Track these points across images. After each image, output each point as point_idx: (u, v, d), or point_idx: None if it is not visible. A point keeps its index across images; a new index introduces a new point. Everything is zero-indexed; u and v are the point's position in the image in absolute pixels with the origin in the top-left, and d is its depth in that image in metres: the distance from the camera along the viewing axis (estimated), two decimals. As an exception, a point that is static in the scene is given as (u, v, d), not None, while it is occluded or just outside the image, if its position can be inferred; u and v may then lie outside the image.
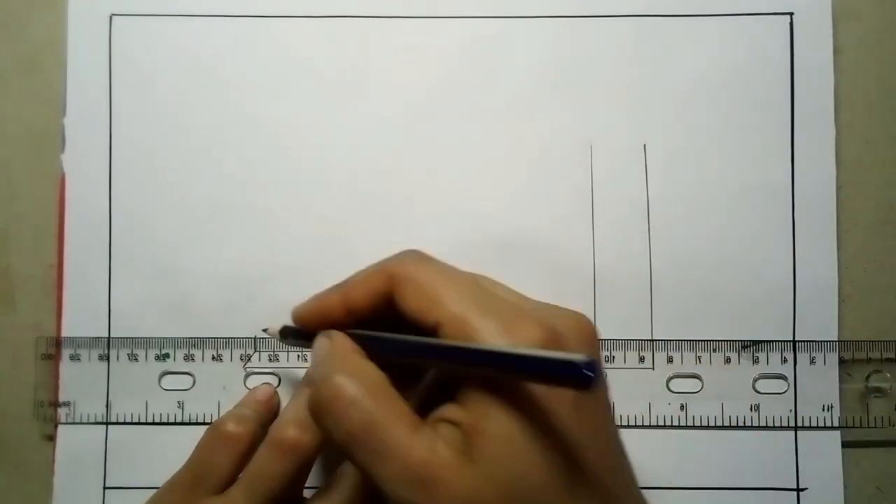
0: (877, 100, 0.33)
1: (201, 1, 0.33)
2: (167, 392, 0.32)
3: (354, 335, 0.25)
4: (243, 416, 0.29)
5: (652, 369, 0.32)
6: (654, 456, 0.32)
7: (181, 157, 0.33)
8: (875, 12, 0.33)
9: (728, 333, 0.32)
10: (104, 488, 0.32)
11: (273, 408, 0.31)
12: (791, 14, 0.33)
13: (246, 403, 0.31)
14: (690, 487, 0.32)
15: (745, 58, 0.33)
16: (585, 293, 0.32)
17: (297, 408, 0.29)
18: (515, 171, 0.33)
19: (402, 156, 0.33)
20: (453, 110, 0.33)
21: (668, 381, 0.32)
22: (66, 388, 0.32)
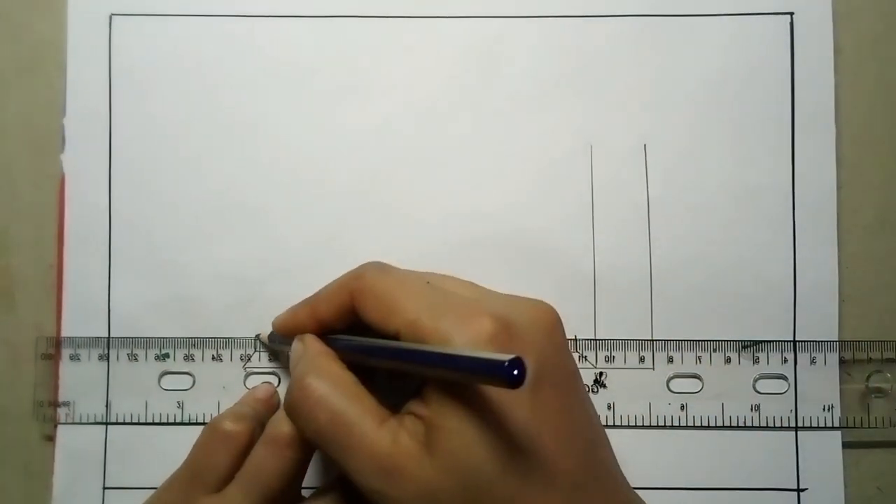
0: (877, 99, 0.33)
1: (201, 1, 0.33)
2: (167, 392, 0.32)
3: (326, 338, 0.28)
4: (240, 414, 0.29)
5: (652, 369, 0.32)
6: (655, 456, 0.32)
7: (181, 157, 0.33)
8: (875, 12, 0.33)
9: (728, 333, 0.32)
10: (104, 488, 0.32)
11: (273, 407, 0.31)
12: (791, 14, 0.33)
13: (245, 402, 0.31)
14: (690, 488, 0.32)
15: (746, 58, 0.33)
16: (585, 293, 0.32)
17: None
18: (515, 172, 0.33)
19: (402, 156, 0.33)
20: (453, 110, 0.33)
21: (668, 381, 0.32)
22: (65, 388, 0.32)
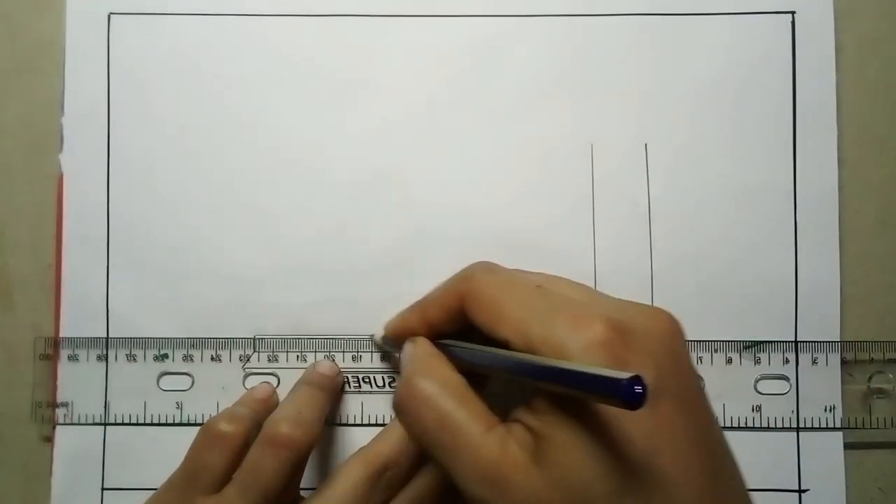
0: (879, 99, 0.33)
1: (200, 0, 0.33)
2: (166, 392, 0.32)
3: (437, 343, 0.27)
4: (236, 415, 0.29)
5: (653, 370, 0.32)
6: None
7: (180, 156, 0.33)
8: (876, 11, 0.33)
9: (729, 334, 0.32)
10: (102, 489, 0.32)
11: (271, 407, 0.31)
12: (793, 13, 0.33)
13: (243, 402, 0.31)
14: (691, 489, 0.32)
15: (747, 57, 0.33)
16: (586, 293, 0.32)
17: (290, 405, 0.29)
18: (516, 171, 0.33)
19: (403, 155, 0.33)
20: (454, 110, 0.33)
21: (669, 381, 0.32)
22: (64, 389, 0.32)
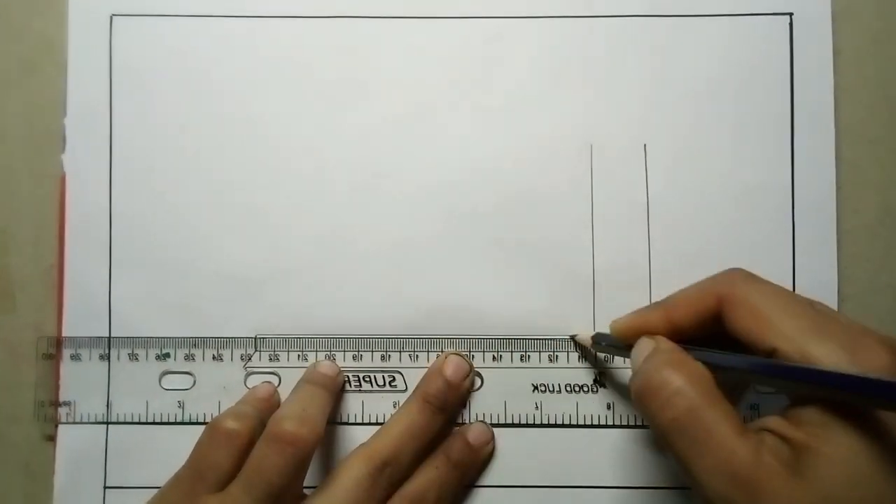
0: (876, 100, 0.33)
1: (202, 1, 0.33)
2: (167, 392, 0.32)
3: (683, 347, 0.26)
4: (242, 413, 0.29)
5: (652, 369, 0.32)
6: (655, 456, 0.32)
7: (181, 157, 0.33)
8: (874, 13, 0.33)
9: (728, 333, 0.32)
10: (104, 488, 0.32)
11: (273, 406, 0.31)
12: (791, 14, 0.33)
13: (246, 401, 0.31)
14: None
15: (745, 58, 0.33)
16: (585, 293, 0.32)
17: (294, 403, 0.29)
18: (515, 171, 0.33)
19: (402, 156, 0.33)
20: (453, 110, 0.33)
21: (667, 380, 0.32)
22: (66, 388, 0.32)
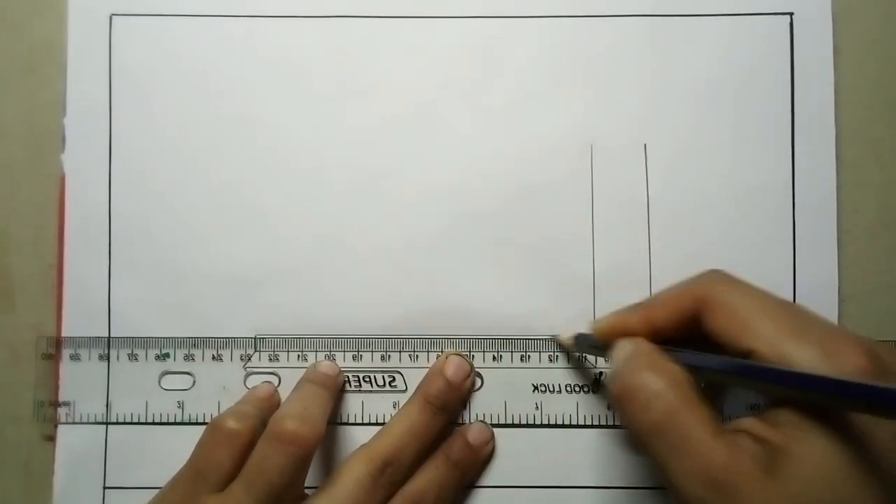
0: (877, 100, 0.33)
1: (201, 1, 0.33)
2: (167, 392, 0.32)
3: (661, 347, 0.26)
4: (242, 413, 0.29)
5: (652, 369, 0.32)
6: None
7: (181, 156, 0.33)
8: (875, 12, 0.33)
9: (728, 333, 0.32)
10: (104, 488, 0.32)
11: (274, 405, 0.31)
12: (791, 14, 0.33)
13: (247, 400, 0.31)
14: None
15: (746, 58, 0.33)
16: (585, 293, 0.32)
17: (295, 403, 0.29)
18: (515, 172, 0.33)
19: (402, 156, 0.33)
20: (453, 110, 0.33)
21: (668, 381, 0.32)
22: (66, 388, 0.32)
